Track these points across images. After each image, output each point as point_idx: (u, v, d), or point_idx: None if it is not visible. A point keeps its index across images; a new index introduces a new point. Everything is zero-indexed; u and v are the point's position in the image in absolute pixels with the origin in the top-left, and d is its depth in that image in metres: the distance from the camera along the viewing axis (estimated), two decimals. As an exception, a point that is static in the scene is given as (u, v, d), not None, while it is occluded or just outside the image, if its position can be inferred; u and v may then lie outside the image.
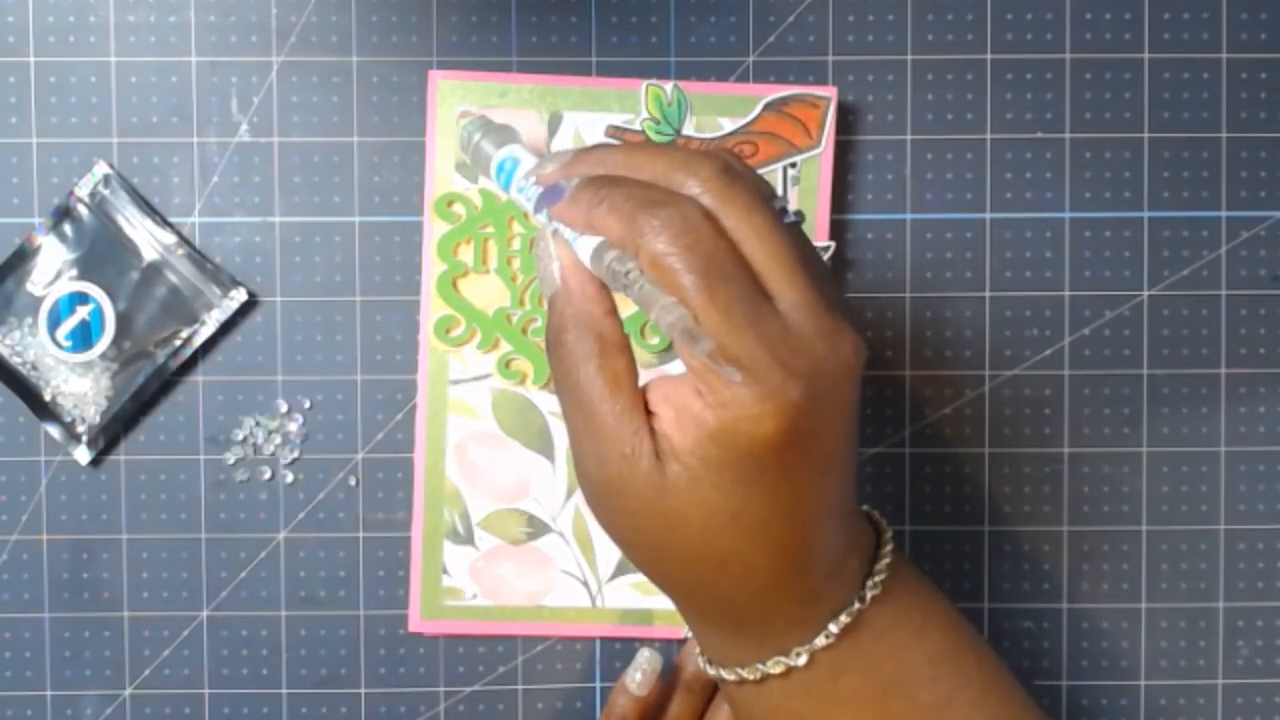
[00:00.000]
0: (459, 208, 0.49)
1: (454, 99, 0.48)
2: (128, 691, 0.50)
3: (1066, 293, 0.50)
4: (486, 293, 0.49)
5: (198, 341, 0.49)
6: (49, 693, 0.50)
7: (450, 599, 0.49)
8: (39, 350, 0.49)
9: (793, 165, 0.48)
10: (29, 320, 0.49)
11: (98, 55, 0.49)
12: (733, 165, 0.35)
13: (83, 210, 0.49)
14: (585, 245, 0.35)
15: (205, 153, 0.50)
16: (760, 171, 0.48)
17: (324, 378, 0.50)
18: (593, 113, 0.48)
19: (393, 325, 0.50)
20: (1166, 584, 0.51)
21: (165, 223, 0.49)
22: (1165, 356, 0.50)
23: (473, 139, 0.42)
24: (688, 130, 0.48)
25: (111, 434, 0.49)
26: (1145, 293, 0.50)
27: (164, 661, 0.50)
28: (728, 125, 0.48)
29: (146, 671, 0.50)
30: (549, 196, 0.36)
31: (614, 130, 0.48)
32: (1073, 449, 0.50)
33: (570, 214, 0.36)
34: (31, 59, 0.49)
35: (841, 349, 0.34)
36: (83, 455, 0.49)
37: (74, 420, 0.49)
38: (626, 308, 0.47)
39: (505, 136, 0.42)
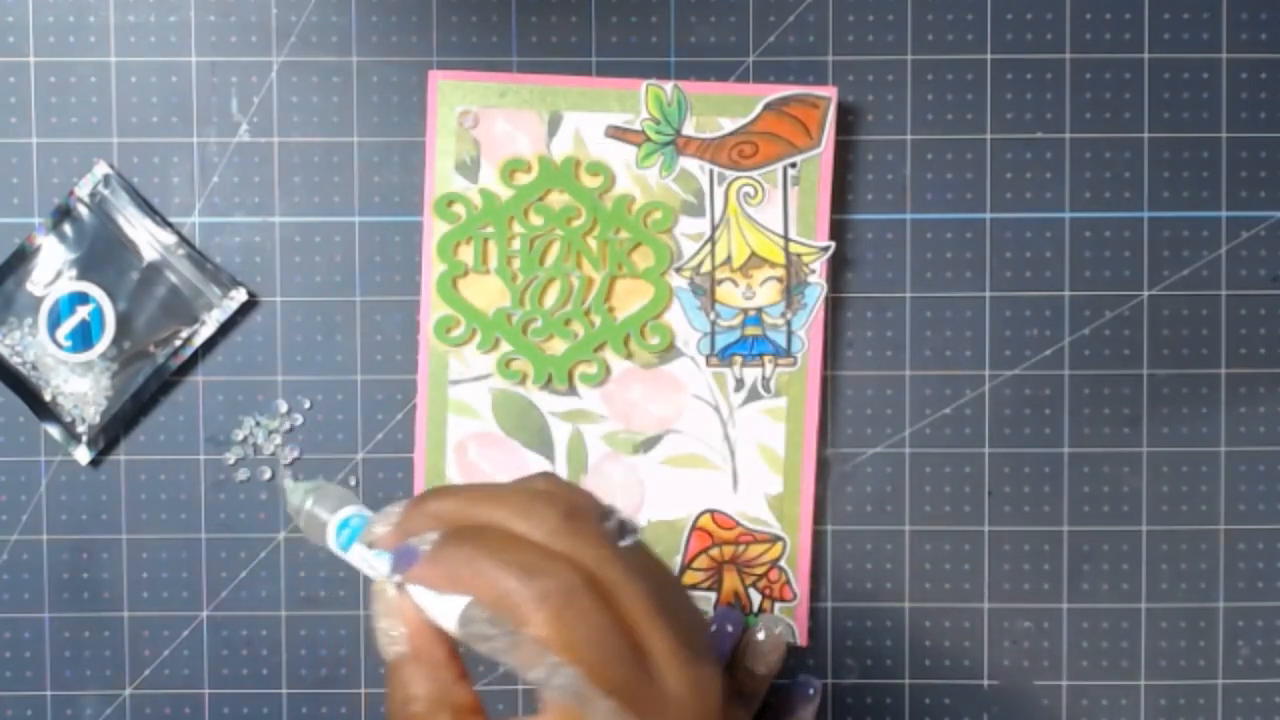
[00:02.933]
0: (459, 208, 0.48)
1: (454, 99, 0.48)
2: (128, 691, 0.50)
3: (1066, 293, 0.50)
4: (486, 293, 0.49)
5: (198, 341, 0.49)
6: (49, 693, 0.50)
7: None
8: (39, 350, 0.49)
9: (793, 165, 0.48)
10: (29, 320, 0.49)
11: (98, 55, 0.49)
12: (575, 509, 0.34)
13: (83, 210, 0.49)
14: (449, 606, 0.33)
15: (205, 153, 0.50)
16: (760, 172, 0.48)
17: (324, 378, 0.50)
18: (593, 113, 0.48)
19: (393, 325, 0.50)
20: (1166, 584, 0.51)
21: (165, 223, 0.49)
22: (1165, 356, 0.50)
23: (304, 505, 0.39)
24: (688, 130, 0.48)
25: (111, 434, 0.49)
26: (1145, 293, 0.50)
27: (164, 661, 0.50)
28: (727, 125, 0.48)
29: (146, 671, 0.50)
30: (403, 561, 0.34)
31: (614, 130, 0.48)
32: (1073, 449, 0.50)
33: (432, 576, 0.33)
34: (31, 59, 0.49)
35: (707, 699, 0.33)
36: (83, 455, 0.49)
37: (74, 420, 0.49)
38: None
39: (340, 499, 0.39)
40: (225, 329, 0.50)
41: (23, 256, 0.49)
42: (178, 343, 0.49)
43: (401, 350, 0.50)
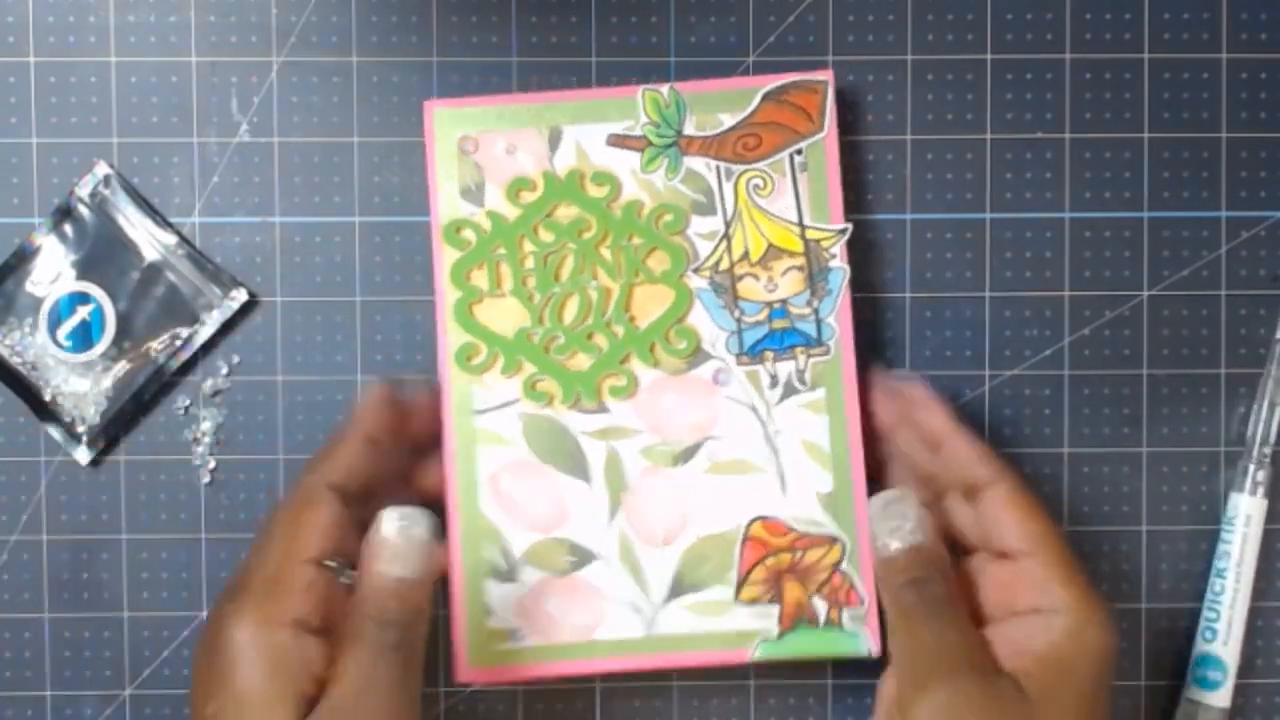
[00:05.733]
0: (468, 233, 0.47)
1: (452, 126, 0.47)
2: (128, 691, 0.50)
3: (1066, 293, 0.50)
4: (505, 315, 0.47)
5: (198, 341, 0.49)
6: (49, 693, 0.50)
7: (498, 642, 0.46)
8: (39, 350, 0.49)
9: (799, 152, 0.47)
10: (29, 320, 0.49)
11: (98, 55, 0.49)
12: None
13: (83, 210, 0.49)
14: None
15: (205, 153, 0.50)
16: (767, 162, 0.47)
17: (324, 378, 0.50)
18: (593, 124, 0.48)
19: (393, 325, 0.50)
20: (1166, 584, 0.51)
21: (165, 223, 0.49)
22: (1165, 356, 0.50)
23: None
24: (689, 130, 0.48)
25: (111, 434, 0.49)
26: (1145, 293, 0.50)
27: (164, 661, 0.50)
28: (728, 121, 0.48)
29: (146, 672, 0.50)
30: None
31: (616, 139, 0.47)
32: (1073, 449, 0.50)
33: None
34: (31, 59, 0.49)
35: None
36: (83, 455, 0.49)
37: (74, 420, 0.49)
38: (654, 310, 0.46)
39: None
40: (225, 329, 0.50)
41: (23, 256, 0.49)
42: (178, 343, 0.49)
43: (402, 350, 0.50)
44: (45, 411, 0.49)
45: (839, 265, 0.47)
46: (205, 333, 0.49)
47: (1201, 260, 0.50)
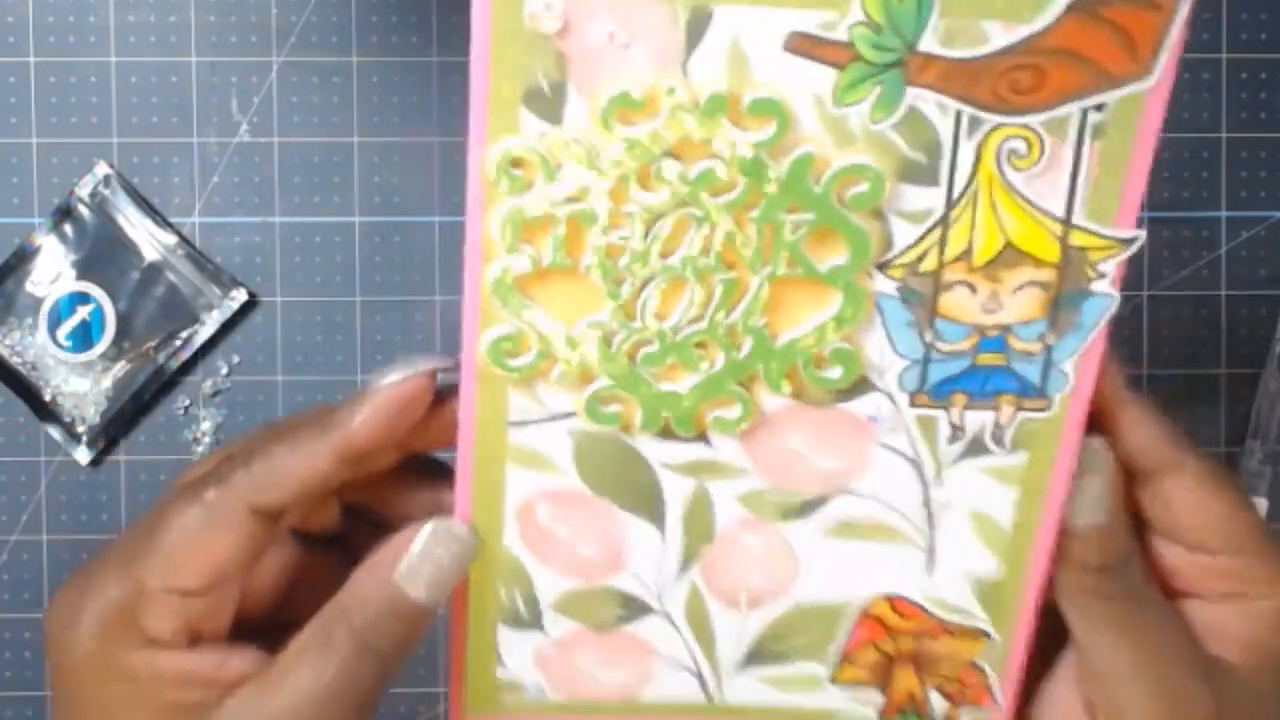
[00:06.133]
0: (532, 170, 0.29)
1: None
2: (128, 691, 0.50)
3: (1066, 293, 0.50)
4: (573, 300, 0.31)
5: (198, 341, 0.49)
6: (49, 693, 0.50)
7: (509, 694, 0.35)
8: (39, 350, 0.49)
9: (1098, 108, 0.29)
10: (29, 320, 0.49)
11: (98, 55, 0.49)
12: None
13: (83, 210, 0.49)
14: None
15: (205, 153, 0.50)
16: (1043, 116, 0.29)
17: (324, 378, 0.50)
18: (764, 8, 0.28)
19: (393, 325, 0.50)
20: (1166, 584, 0.51)
21: (165, 223, 0.49)
22: (1165, 356, 0.50)
23: None
24: (928, 43, 0.28)
25: (111, 434, 0.49)
26: (1145, 293, 0.50)
27: (164, 661, 0.50)
28: (1000, 36, 0.28)
29: (146, 671, 0.50)
30: None
31: (802, 41, 0.28)
32: (1073, 449, 0.50)
33: None
34: (31, 59, 0.49)
35: None
36: (83, 455, 0.49)
37: (74, 420, 0.49)
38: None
39: None
40: (225, 329, 0.50)
41: (23, 256, 0.49)
42: (178, 343, 0.49)
43: (402, 350, 0.50)
44: (45, 411, 0.49)
45: (1106, 291, 0.33)
46: (205, 333, 0.49)
47: (1201, 260, 0.50)
